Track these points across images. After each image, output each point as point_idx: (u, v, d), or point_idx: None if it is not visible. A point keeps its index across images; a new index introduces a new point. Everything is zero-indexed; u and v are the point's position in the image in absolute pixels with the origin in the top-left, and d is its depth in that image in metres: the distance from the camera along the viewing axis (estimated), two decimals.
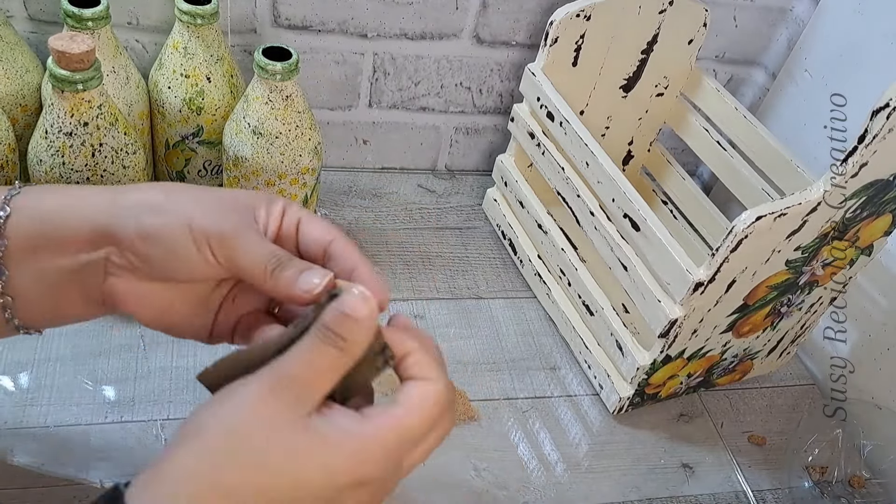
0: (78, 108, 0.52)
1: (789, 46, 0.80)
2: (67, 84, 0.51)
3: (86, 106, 0.52)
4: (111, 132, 0.54)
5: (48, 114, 0.53)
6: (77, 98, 0.52)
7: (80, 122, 0.53)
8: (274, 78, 0.56)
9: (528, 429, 0.62)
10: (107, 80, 0.57)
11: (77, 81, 0.51)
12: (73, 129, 0.53)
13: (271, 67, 0.56)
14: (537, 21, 0.75)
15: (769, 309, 0.60)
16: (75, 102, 0.52)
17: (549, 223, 0.69)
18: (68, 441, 0.53)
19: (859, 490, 0.63)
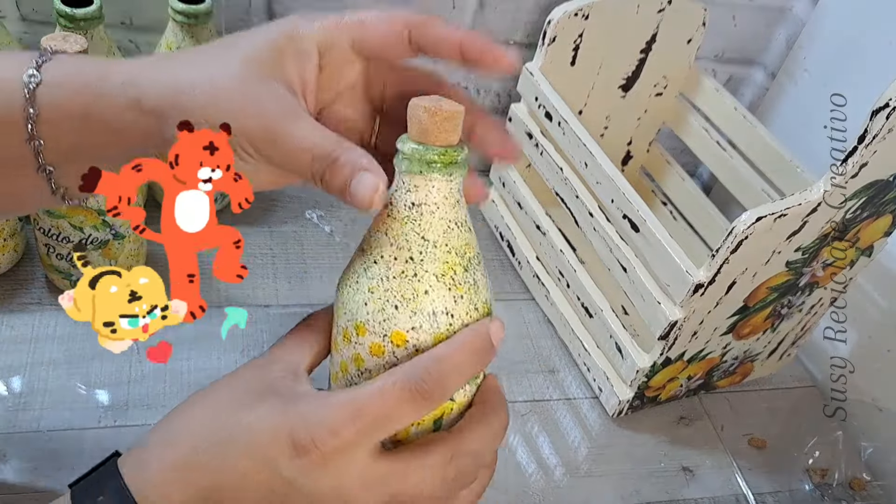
0: None
1: (788, 46, 0.79)
2: None
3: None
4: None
5: None
6: None
7: None
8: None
9: (526, 432, 0.61)
10: None
11: None
12: None
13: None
14: (535, 20, 0.74)
15: (769, 310, 0.60)
16: None
17: (548, 224, 0.69)
18: (61, 446, 0.53)
19: (860, 493, 0.63)
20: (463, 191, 0.34)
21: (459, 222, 0.33)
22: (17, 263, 0.63)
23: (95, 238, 0.57)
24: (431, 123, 0.32)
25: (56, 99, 0.32)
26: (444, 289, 0.33)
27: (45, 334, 0.58)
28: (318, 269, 0.69)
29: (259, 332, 0.63)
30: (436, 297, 0.33)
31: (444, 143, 0.32)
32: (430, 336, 0.33)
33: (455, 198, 0.33)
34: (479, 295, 0.34)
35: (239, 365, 0.60)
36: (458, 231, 0.33)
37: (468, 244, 0.34)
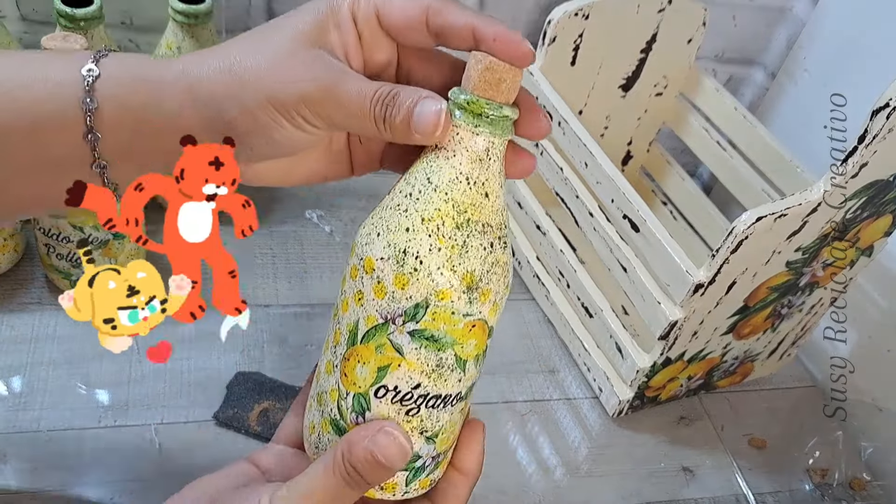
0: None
1: (788, 46, 0.79)
2: None
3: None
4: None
5: None
6: None
7: None
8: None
9: (526, 432, 0.61)
10: None
11: None
12: None
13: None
14: (535, 20, 0.74)
15: (770, 310, 0.60)
16: None
17: (548, 224, 0.69)
18: (62, 445, 0.53)
19: (860, 493, 0.63)
20: (502, 159, 0.33)
21: (474, 180, 0.31)
22: (18, 263, 0.63)
23: (96, 238, 0.57)
24: (475, 73, 0.31)
25: (114, 91, 0.32)
26: (424, 233, 0.31)
27: (45, 334, 0.58)
28: (318, 269, 0.69)
29: (259, 331, 0.63)
30: (413, 237, 0.31)
31: (484, 96, 0.31)
32: (392, 273, 0.31)
33: (477, 154, 0.31)
34: (465, 262, 0.31)
35: (239, 365, 0.61)
36: (467, 187, 0.31)
37: (475, 206, 0.31)
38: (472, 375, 0.34)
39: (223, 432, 0.55)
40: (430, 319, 0.31)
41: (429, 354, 0.32)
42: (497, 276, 0.32)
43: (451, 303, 0.31)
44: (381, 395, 0.32)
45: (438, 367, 0.32)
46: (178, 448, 0.54)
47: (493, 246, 0.32)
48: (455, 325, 0.32)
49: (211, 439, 0.55)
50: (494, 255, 0.32)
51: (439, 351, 0.32)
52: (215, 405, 0.56)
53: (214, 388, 0.58)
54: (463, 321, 0.32)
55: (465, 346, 0.32)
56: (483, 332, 0.33)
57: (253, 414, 0.56)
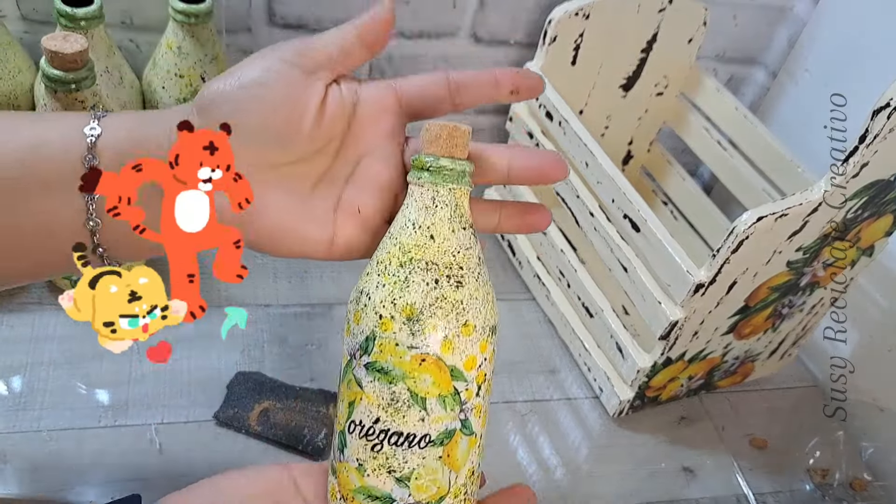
0: (71, 109, 0.52)
1: (789, 45, 0.79)
2: (60, 84, 0.50)
3: (79, 106, 0.52)
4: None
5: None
6: (70, 98, 0.51)
7: None
8: None
9: (527, 432, 0.61)
10: (100, 80, 0.56)
11: (70, 81, 0.50)
12: None
13: None
14: (536, 20, 0.74)
15: (770, 310, 0.60)
16: (68, 103, 0.51)
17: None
18: (62, 445, 0.53)
19: (861, 493, 0.63)
20: (458, 207, 0.35)
21: (419, 225, 0.34)
22: None
23: None
24: (422, 136, 0.36)
25: (115, 151, 0.32)
26: (375, 273, 0.35)
27: (45, 334, 0.58)
28: (319, 269, 0.69)
29: (259, 331, 0.63)
30: (368, 278, 0.35)
31: (427, 152, 0.35)
32: (353, 311, 0.35)
33: (423, 203, 0.35)
34: (405, 295, 0.33)
35: (239, 365, 0.61)
36: (413, 231, 0.34)
37: (419, 246, 0.34)
38: (440, 418, 0.34)
39: (223, 432, 0.55)
40: (378, 351, 0.34)
41: (382, 387, 0.34)
42: (444, 312, 0.33)
43: (394, 334, 0.33)
44: (352, 430, 0.35)
45: (393, 402, 0.34)
46: (179, 448, 0.54)
47: (437, 283, 0.34)
48: (401, 357, 0.33)
49: (211, 439, 0.55)
50: (440, 291, 0.34)
51: (391, 384, 0.34)
52: (215, 405, 0.56)
53: (215, 388, 0.58)
54: (409, 353, 0.33)
55: (419, 381, 0.33)
56: (438, 368, 0.34)
57: (253, 414, 0.56)
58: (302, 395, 0.58)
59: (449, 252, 0.34)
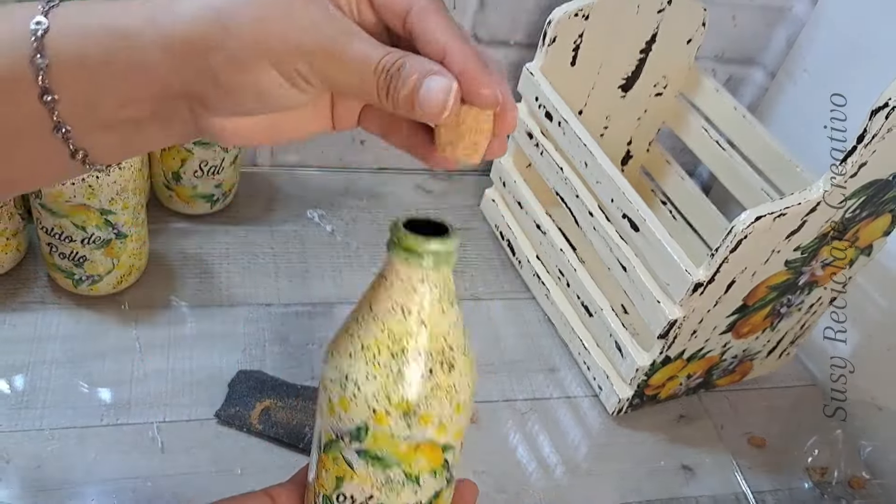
0: None
1: (788, 46, 0.79)
2: None
3: None
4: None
5: None
6: None
7: None
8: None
9: (527, 431, 0.61)
10: None
11: None
12: None
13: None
14: (535, 20, 0.74)
15: (769, 309, 0.60)
16: None
17: (548, 223, 0.69)
18: (64, 444, 0.53)
19: (859, 491, 0.63)
20: (445, 284, 0.33)
21: (409, 310, 0.32)
22: (20, 262, 0.63)
23: (98, 237, 0.57)
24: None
25: (68, 45, 0.28)
26: (362, 360, 0.32)
27: (47, 333, 0.59)
28: (320, 269, 0.69)
29: (260, 330, 0.63)
30: (353, 363, 0.33)
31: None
32: (337, 396, 0.33)
33: (412, 285, 0.32)
34: (400, 389, 0.32)
35: (240, 363, 0.61)
36: (402, 317, 0.32)
37: (410, 335, 0.32)
38: (431, 486, 0.34)
39: (225, 431, 0.56)
40: (372, 441, 0.33)
41: (377, 471, 0.33)
42: (438, 400, 0.33)
43: (389, 427, 0.32)
44: (342, 500, 0.34)
45: (388, 482, 0.33)
46: (180, 446, 0.54)
47: (432, 372, 0.32)
48: (397, 447, 0.33)
49: (213, 438, 0.55)
50: (434, 380, 0.32)
51: (386, 469, 0.33)
52: (217, 403, 0.57)
53: (216, 387, 0.58)
54: (405, 443, 0.33)
55: (413, 464, 0.33)
56: (433, 450, 0.34)
57: (255, 412, 0.56)
58: (303, 393, 0.58)
59: (440, 336, 0.33)
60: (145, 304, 0.62)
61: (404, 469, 0.33)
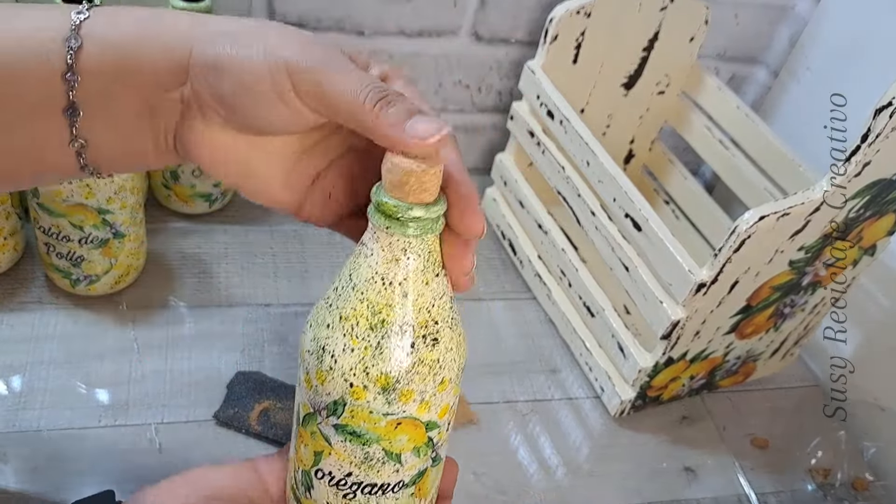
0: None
1: (791, 44, 0.79)
2: None
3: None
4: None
5: None
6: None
7: None
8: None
9: (528, 432, 0.61)
10: None
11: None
12: None
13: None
14: (537, 18, 0.74)
15: (772, 310, 0.60)
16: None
17: (550, 223, 0.69)
18: (62, 445, 0.52)
19: (862, 493, 0.63)
20: (431, 254, 0.31)
21: (390, 280, 0.30)
22: (17, 262, 0.62)
23: (95, 237, 0.57)
24: (383, 173, 0.30)
25: (102, 32, 0.31)
26: (340, 332, 0.31)
27: (45, 334, 0.58)
28: (319, 268, 0.69)
29: (259, 330, 0.62)
30: (331, 334, 0.31)
31: (395, 197, 0.30)
32: (314, 368, 0.32)
33: (393, 254, 0.30)
34: (379, 363, 0.30)
35: (239, 364, 0.60)
36: (382, 287, 0.30)
37: (391, 307, 0.30)
38: (413, 465, 0.33)
39: (224, 432, 0.55)
40: (350, 416, 0.31)
41: (354, 448, 0.32)
42: (421, 377, 0.31)
43: (367, 402, 0.31)
44: (320, 476, 0.33)
45: (367, 460, 0.32)
46: (179, 447, 0.54)
47: (414, 346, 0.31)
48: (376, 423, 0.32)
49: (211, 439, 0.55)
50: (417, 354, 0.31)
51: (364, 445, 0.32)
52: (216, 404, 0.56)
53: (215, 388, 0.57)
54: (384, 420, 0.32)
55: (394, 442, 0.32)
56: (414, 427, 0.32)
57: (253, 413, 0.56)
58: None
59: (424, 308, 0.31)
60: (143, 304, 0.62)
61: (384, 447, 0.32)
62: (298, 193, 0.35)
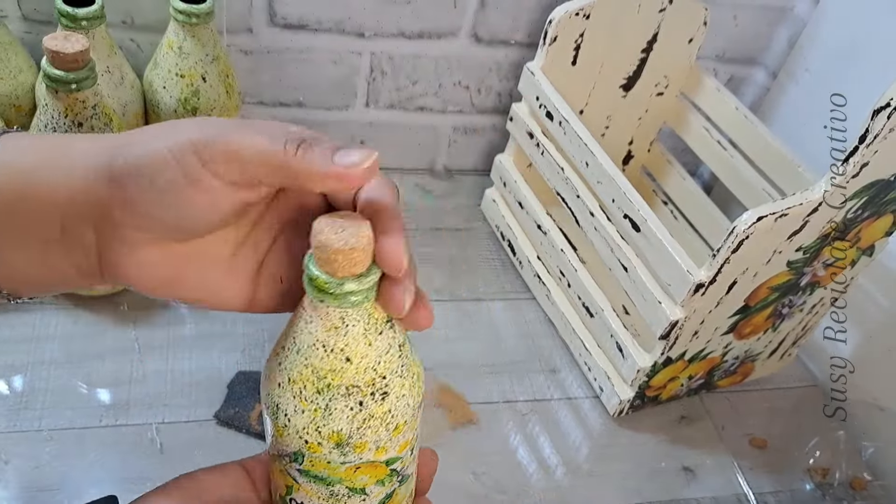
0: (72, 109, 0.52)
1: (790, 46, 0.79)
2: (62, 84, 0.50)
3: (80, 106, 0.52)
4: (105, 132, 0.54)
5: (42, 114, 0.53)
6: (71, 98, 0.51)
7: (75, 122, 0.52)
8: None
9: (527, 432, 0.61)
10: (101, 80, 0.56)
11: (71, 81, 0.50)
12: (67, 129, 0.52)
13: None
14: (536, 19, 0.74)
15: (770, 310, 0.60)
16: (69, 103, 0.52)
17: (549, 224, 0.69)
18: (63, 445, 0.53)
19: (861, 492, 0.63)
20: (370, 318, 0.31)
21: (331, 347, 0.30)
22: None
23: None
24: (312, 246, 0.29)
25: (5, 158, 0.29)
26: (290, 393, 0.31)
27: (45, 334, 0.59)
28: None
29: (259, 331, 0.63)
30: (282, 394, 0.31)
31: (325, 271, 0.29)
32: (271, 421, 0.32)
33: (332, 323, 0.30)
34: (329, 423, 0.31)
35: (239, 364, 0.61)
36: (325, 354, 0.30)
37: (335, 371, 0.30)
38: (380, 493, 0.34)
39: (224, 432, 0.55)
40: (310, 464, 0.32)
41: (320, 487, 0.33)
42: (373, 430, 0.32)
43: (324, 455, 0.32)
44: None
45: (333, 496, 0.33)
46: (179, 447, 0.54)
47: (362, 405, 0.31)
48: (336, 470, 0.32)
49: (212, 439, 0.55)
50: (366, 411, 0.31)
51: (329, 486, 0.33)
52: (216, 404, 0.57)
53: (215, 388, 0.58)
54: (343, 467, 0.32)
55: (356, 481, 0.33)
56: (373, 467, 0.33)
57: (254, 413, 0.56)
58: None
59: (369, 368, 0.31)
60: (144, 304, 0.62)
61: (347, 486, 0.33)
62: (245, 288, 0.33)
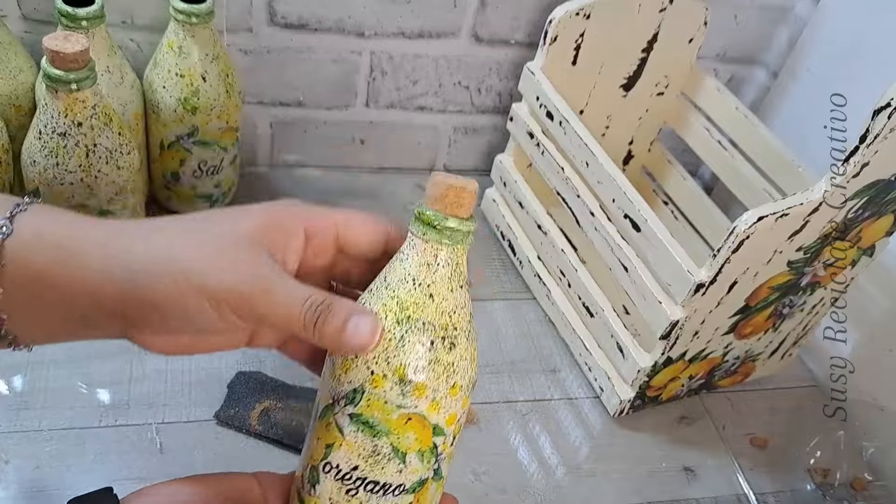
0: (72, 109, 0.52)
1: (790, 45, 0.79)
2: (61, 84, 0.50)
3: (80, 106, 0.52)
4: (105, 132, 0.54)
5: (42, 114, 0.53)
6: (71, 98, 0.51)
7: (74, 122, 0.52)
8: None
9: (527, 432, 0.61)
10: (101, 79, 0.56)
11: (71, 81, 0.50)
12: (66, 129, 0.52)
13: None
14: (536, 19, 0.74)
15: (771, 310, 0.60)
16: (69, 102, 0.52)
17: (549, 224, 0.69)
18: (63, 445, 0.53)
19: (861, 493, 0.63)
20: (457, 267, 0.34)
21: (420, 282, 0.34)
22: None
23: None
24: (427, 188, 0.34)
25: (24, 254, 0.31)
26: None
27: None
28: None
29: None
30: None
31: (433, 208, 0.34)
32: (340, 358, 0.34)
33: (425, 259, 0.34)
34: (399, 355, 0.33)
35: (240, 364, 0.61)
36: (412, 287, 0.33)
37: (418, 305, 0.33)
38: (416, 470, 0.35)
39: (224, 432, 0.55)
40: (366, 405, 0.34)
41: (365, 439, 0.34)
42: (436, 375, 0.33)
43: (384, 391, 0.33)
44: (327, 470, 0.35)
45: (374, 454, 0.34)
46: (179, 447, 0.54)
47: (433, 344, 0.33)
48: (389, 415, 0.34)
49: (212, 438, 0.55)
50: (435, 353, 0.33)
51: (374, 437, 0.34)
52: (216, 404, 0.56)
53: (215, 388, 0.58)
54: (397, 412, 0.33)
55: (402, 438, 0.34)
56: (422, 426, 0.34)
57: (254, 413, 0.56)
58: (303, 394, 0.58)
59: (446, 312, 0.34)
60: None
61: (392, 441, 0.34)
62: (243, 338, 0.37)
